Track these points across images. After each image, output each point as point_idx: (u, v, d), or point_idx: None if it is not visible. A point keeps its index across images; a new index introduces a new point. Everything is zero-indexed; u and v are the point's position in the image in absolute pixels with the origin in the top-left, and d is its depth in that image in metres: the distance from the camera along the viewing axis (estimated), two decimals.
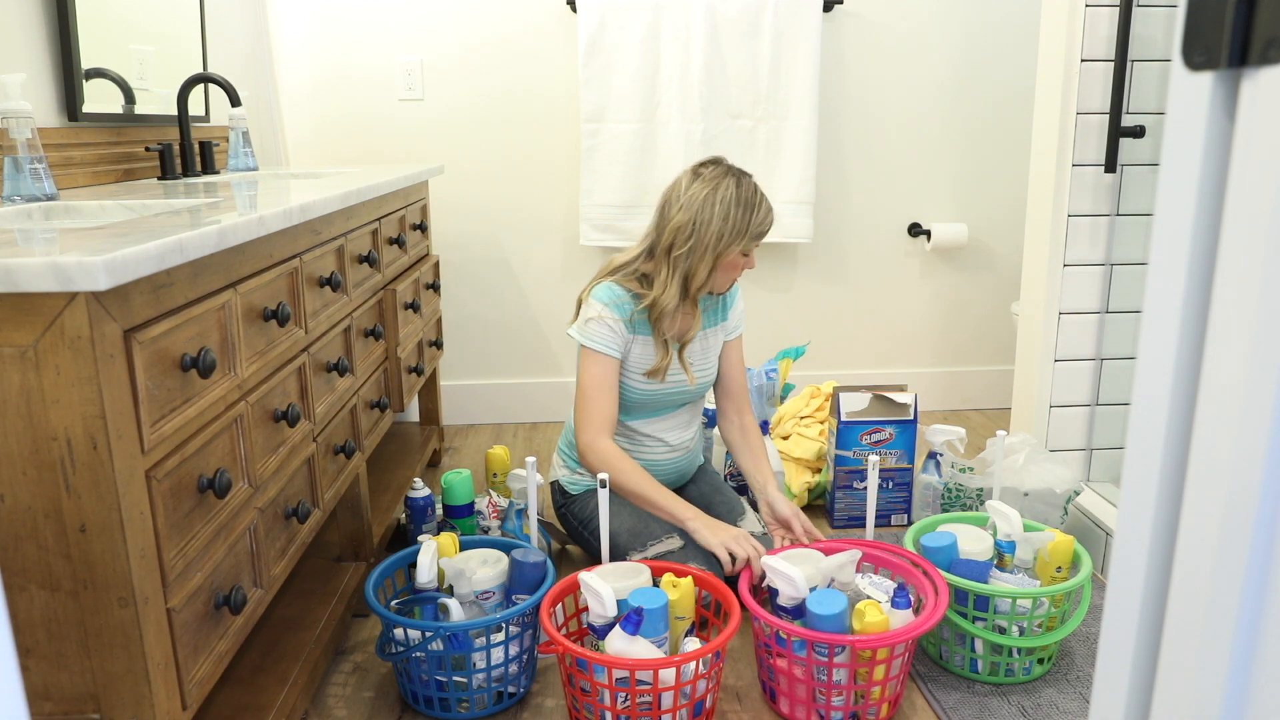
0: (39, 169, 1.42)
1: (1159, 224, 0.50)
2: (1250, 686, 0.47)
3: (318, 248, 1.49)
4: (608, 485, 1.63)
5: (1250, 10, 0.44)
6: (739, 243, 1.72)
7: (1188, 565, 0.50)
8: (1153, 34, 1.87)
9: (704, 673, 1.39)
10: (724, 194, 1.70)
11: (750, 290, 2.93)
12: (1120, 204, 1.97)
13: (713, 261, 1.74)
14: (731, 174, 1.74)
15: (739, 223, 1.70)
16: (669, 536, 1.76)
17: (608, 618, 1.43)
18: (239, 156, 2.22)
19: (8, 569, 0.89)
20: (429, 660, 1.45)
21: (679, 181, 1.77)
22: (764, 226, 1.74)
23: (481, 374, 2.95)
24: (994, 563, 1.65)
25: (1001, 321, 3.00)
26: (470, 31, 2.71)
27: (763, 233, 1.76)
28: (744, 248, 1.75)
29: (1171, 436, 0.51)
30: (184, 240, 0.95)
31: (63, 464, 0.86)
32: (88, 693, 0.93)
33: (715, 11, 2.64)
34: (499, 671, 1.48)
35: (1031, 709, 1.51)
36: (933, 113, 2.84)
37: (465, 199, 2.81)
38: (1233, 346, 0.46)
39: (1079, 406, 2.09)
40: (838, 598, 1.43)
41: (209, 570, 1.07)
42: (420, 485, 1.97)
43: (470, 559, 1.59)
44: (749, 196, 1.72)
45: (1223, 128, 0.46)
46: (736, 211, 1.70)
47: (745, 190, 1.72)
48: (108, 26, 1.86)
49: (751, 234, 1.73)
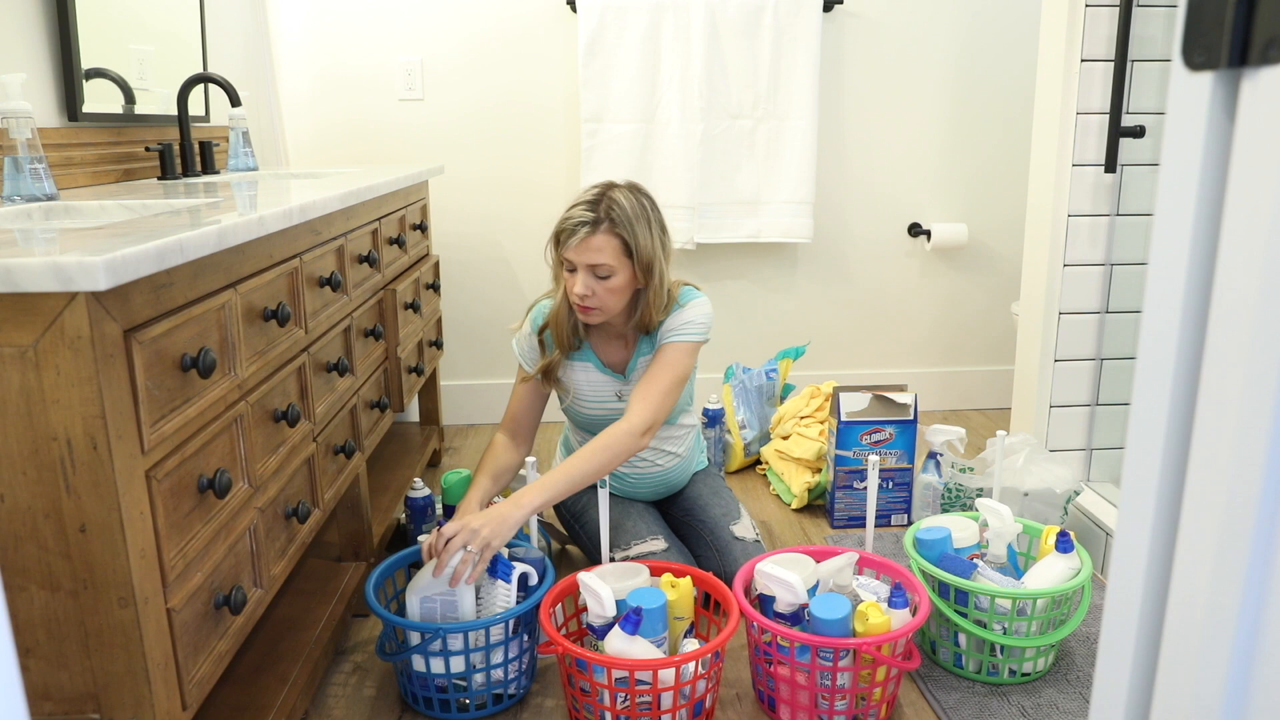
0: (39, 169, 1.42)
1: (1159, 224, 0.50)
2: (1251, 686, 0.47)
3: (318, 248, 1.49)
4: (606, 485, 1.63)
5: (1250, 10, 0.44)
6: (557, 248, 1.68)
7: (1188, 565, 0.50)
8: (1153, 34, 1.87)
9: (703, 673, 1.39)
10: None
11: (750, 290, 2.93)
12: (1120, 204, 1.97)
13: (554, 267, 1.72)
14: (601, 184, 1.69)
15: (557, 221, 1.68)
16: (653, 538, 1.77)
17: (607, 618, 1.43)
18: (239, 156, 2.22)
19: (8, 569, 0.89)
20: (426, 661, 1.45)
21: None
22: (559, 230, 1.66)
23: (481, 374, 2.95)
24: (980, 557, 1.66)
25: (1001, 321, 3.00)
26: (470, 31, 2.71)
27: (557, 236, 1.67)
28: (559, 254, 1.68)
29: (1171, 436, 0.51)
30: (184, 240, 0.95)
31: (63, 464, 0.86)
32: (88, 692, 0.93)
33: (715, 11, 2.64)
34: (498, 673, 1.48)
35: (1031, 709, 1.51)
36: (933, 113, 2.84)
37: (465, 199, 2.81)
38: (1233, 346, 0.46)
39: (1079, 406, 2.09)
40: (841, 601, 1.43)
41: (209, 570, 1.07)
42: (420, 485, 1.97)
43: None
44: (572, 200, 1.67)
45: (1223, 128, 0.46)
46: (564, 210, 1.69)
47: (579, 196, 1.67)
48: (108, 26, 1.86)
49: (554, 236, 1.68)
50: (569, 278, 1.68)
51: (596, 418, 1.84)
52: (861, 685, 1.43)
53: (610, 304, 1.68)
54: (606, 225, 1.62)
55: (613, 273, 1.65)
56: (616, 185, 1.69)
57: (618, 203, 1.64)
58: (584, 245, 1.62)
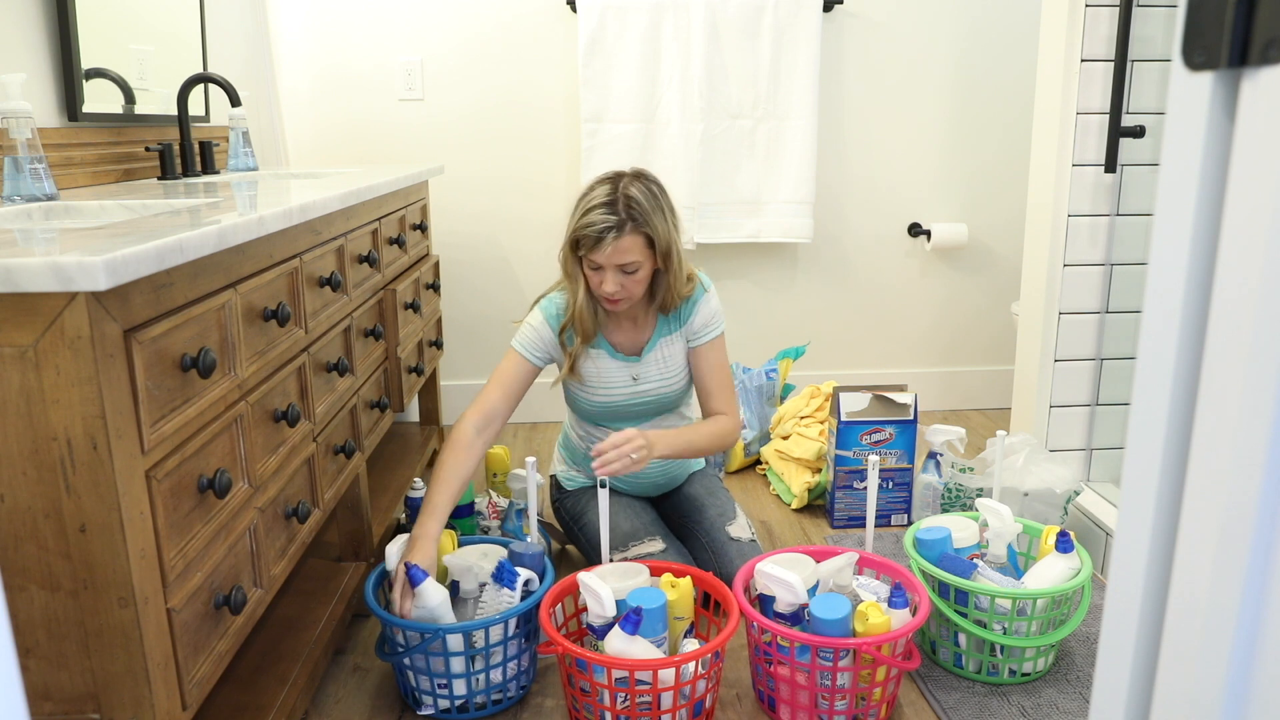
0: (39, 169, 1.42)
1: (1159, 224, 0.50)
2: (1251, 686, 0.47)
3: (318, 248, 1.50)
4: (607, 485, 1.63)
5: (1250, 10, 0.44)
6: (576, 250, 1.69)
7: (1188, 565, 0.50)
8: (1153, 34, 1.87)
9: (703, 673, 1.39)
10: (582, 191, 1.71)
11: (750, 290, 2.93)
12: (1120, 204, 1.97)
13: (564, 259, 1.73)
14: (603, 178, 1.70)
15: (569, 225, 1.70)
16: (651, 539, 1.77)
17: (607, 618, 1.43)
18: (239, 156, 2.22)
19: (8, 569, 0.89)
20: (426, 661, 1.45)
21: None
22: (577, 238, 1.68)
23: (481, 374, 2.95)
24: (979, 557, 1.65)
25: (1001, 321, 3.00)
26: (471, 31, 2.71)
27: (576, 244, 1.68)
28: (578, 256, 1.70)
29: (1171, 436, 0.51)
30: (184, 240, 0.95)
31: (63, 464, 0.86)
32: (88, 692, 0.93)
33: (715, 11, 2.64)
34: (497, 674, 1.48)
35: (1031, 709, 1.51)
36: (933, 113, 2.84)
37: (465, 199, 2.81)
38: (1233, 346, 0.46)
39: (1079, 406, 2.09)
40: (841, 601, 1.43)
41: (209, 570, 1.07)
42: (420, 485, 1.97)
43: (469, 554, 1.59)
44: (584, 203, 1.68)
45: (1223, 128, 0.46)
46: (573, 212, 1.70)
47: (588, 196, 1.69)
48: (108, 26, 1.86)
49: (570, 241, 1.69)
50: (592, 276, 1.70)
51: (605, 405, 1.84)
52: (861, 685, 1.43)
53: (636, 293, 1.73)
54: (630, 226, 1.64)
55: (639, 267, 1.68)
56: (624, 176, 1.70)
57: (635, 200, 1.65)
58: (613, 249, 1.64)
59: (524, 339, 1.79)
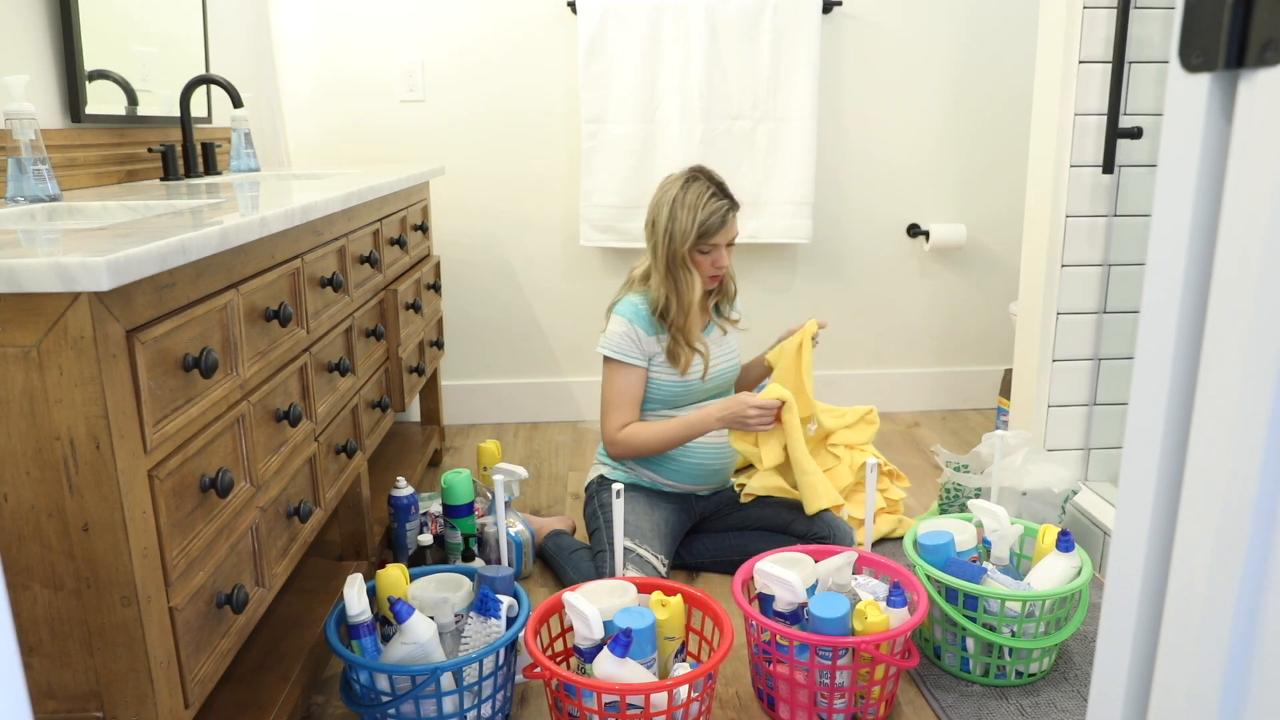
0: (42, 170, 1.42)
1: (1157, 224, 0.50)
2: (1247, 685, 0.47)
3: (319, 248, 1.50)
4: (622, 495, 1.62)
5: (1247, 12, 0.44)
6: (688, 243, 1.83)
7: (1185, 564, 0.50)
8: (1150, 35, 1.87)
9: (696, 695, 1.35)
10: (670, 196, 1.85)
11: (750, 290, 2.93)
12: (1118, 205, 1.97)
13: (672, 260, 1.85)
14: (687, 178, 1.86)
15: (684, 224, 1.83)
16: (661, 559, 1.80)
17: (594, 640, 1.37)
18: (241, 157, 2.22)
19: (11, 568, 0.89)
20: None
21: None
22: (706, 228, 1.83)
23: (482, 374, 2.95)
24: (983, 563, 1.65)
25: (1000, 321, 3.00)
26: (471, 33, 2.71)
27: (705, 233, 1.84)
28: (697, 247, 1.85)
29: (1169, 436, 0.51)
30: (186, 241, 0.96)
31: (66, 463, 0.87)
32: (91, 691, 0.94)
33: (715, 13, 2.64)
34: (487, 707, 1.40)
35: (1030, 708, 1.51)
36: (932, 113, 2.84)
37: (466, 200, 2.81)
38: (1230, 346, 0.46)
39: (1077, 406, 2.09)
40: (840, 600, 1.43)
41: (211, 569, 1.07)
42: (404, 484, 1.95)
43: (428, 585, 1.50)
44: (693, 200, 1.83)
45: (1220, 129, 0.47)
46: (681, 213, 1.83)
47: (690, 194, 1.84)
48: (111, 28, 1.86)
49: (697, 234, 1.83)
50: (705, 260, 1.86)
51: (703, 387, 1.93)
52: (860, 683, 1.44)
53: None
54: (735, 206, 1.88)
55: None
56: (701, 171, 1.88)
57: (724, 183, 1.88)
58: (731, 227, 1.88)
59: (621, 348, 1.88)
